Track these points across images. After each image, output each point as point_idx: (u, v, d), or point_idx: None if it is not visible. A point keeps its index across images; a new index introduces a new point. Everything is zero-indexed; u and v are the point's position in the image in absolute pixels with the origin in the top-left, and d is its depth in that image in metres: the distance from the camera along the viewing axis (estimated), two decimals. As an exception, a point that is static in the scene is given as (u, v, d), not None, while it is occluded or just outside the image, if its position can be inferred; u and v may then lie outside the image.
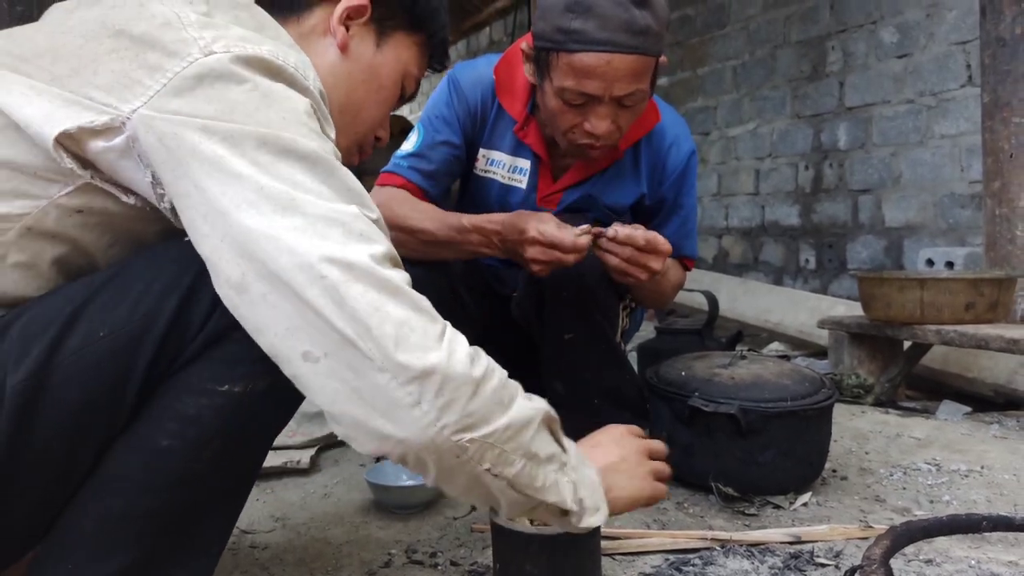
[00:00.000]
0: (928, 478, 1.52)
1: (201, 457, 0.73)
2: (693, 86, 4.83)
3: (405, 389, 0.65)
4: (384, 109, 0.95)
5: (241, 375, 0.72)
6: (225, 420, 0.73)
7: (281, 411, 0.81)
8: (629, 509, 0.95)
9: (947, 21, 3.28)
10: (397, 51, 0.93)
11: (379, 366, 0.64)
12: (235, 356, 0.72)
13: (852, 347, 2.34)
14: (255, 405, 0.74)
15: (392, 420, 0.66)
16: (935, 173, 3.37)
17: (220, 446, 0.73)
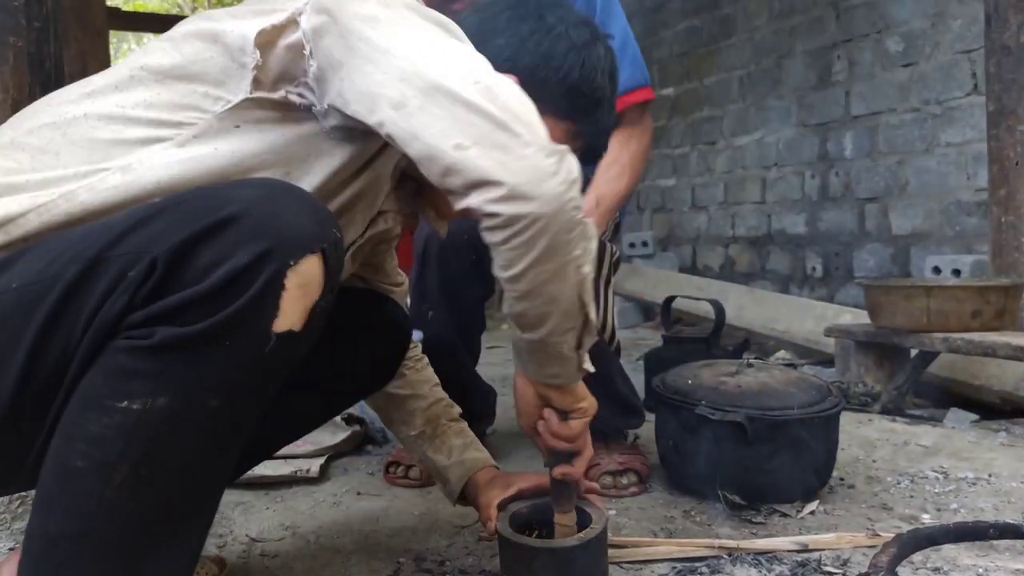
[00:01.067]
0: (935, 486, 1.52)
1: (112, 482, 0.67)
2: (700, 96, 4.85)
3: (548, 160, 0.75)
4: None
5: (137, 391, 0.67)
6: (127, 442, 0.67)
7: (201, 437, 0.70)
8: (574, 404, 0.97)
9: (952, 30, 3.29)
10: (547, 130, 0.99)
11: (527, 141, 0.74)
12: (131, 368, 0.67)
13: (859, 355, 2.34)
14: (159, 426, 0.67)
15: (536, 187, 0.74)
16: (941, 181, 3.37)
17: (129, 471, 0.67)
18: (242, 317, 0.67)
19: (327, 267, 0.71)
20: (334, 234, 0.73)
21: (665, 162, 5.18)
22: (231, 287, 0.66)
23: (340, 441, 1.77)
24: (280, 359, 0.71)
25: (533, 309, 0.84)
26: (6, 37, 1.26)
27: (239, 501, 1.50)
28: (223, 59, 0.82)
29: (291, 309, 0.69)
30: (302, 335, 0.71)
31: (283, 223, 0.69)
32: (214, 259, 0.67)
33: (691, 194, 4.96)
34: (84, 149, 0.81)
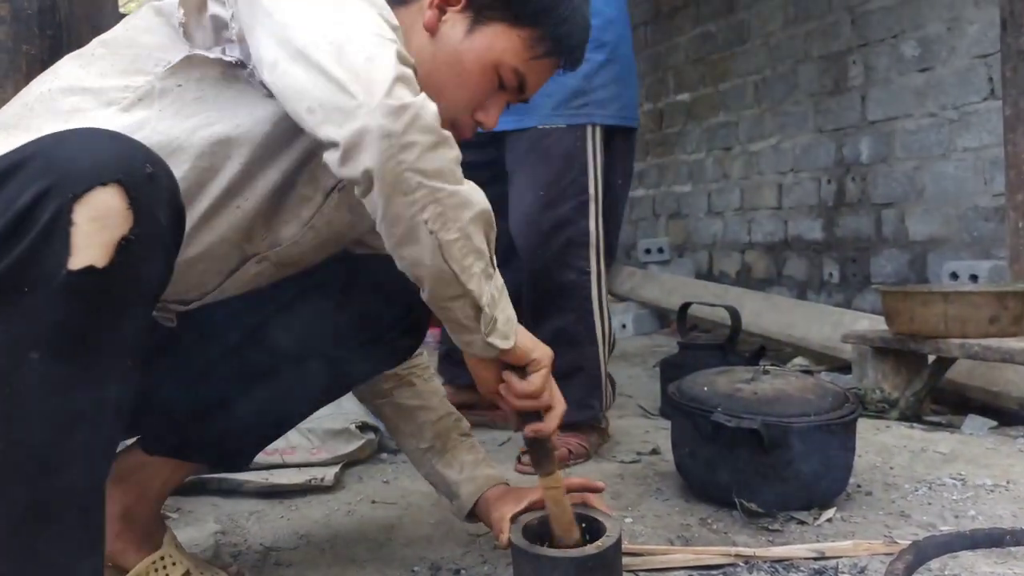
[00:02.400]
0: (953, 493, 1.50)
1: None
2: (715, 102, 4.84)
3: (377, 123, 0.75)
4: (468, 93, 0.99)
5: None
6: None
7: (40, 397, 0.66)
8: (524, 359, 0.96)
9: (968, 35, 3.26)
10: (491, 40, 0.97)
11: (360, 102, 0.75)
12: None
13: (876, 361, 2.32)
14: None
15: (366, 150, 0.76)
16: (958, 186, 3.34)
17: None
18: (30, 257, 0.63)
19: (131, 199, 0.66)
20: (143, 167, 0.69)
21: (681, 168, 5.17)
22: (16, 230, 0.64)
23: (354, 449, 1.78)
24: (94, 298, 0.66)
25: (404, 268, 0.86)
26: (20, 45, 1.28)
27: (253, 510, 1.51)
28: (164, 26, 0.88)
29: (85, 243, 0.64)
30: (112, 270, 0.66)
31: (68, 160, 0.66)
32: (1, 207, 0.65)
33: (707, 200, 4.95)
34: (48, 121, 0.83)
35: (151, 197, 0.69)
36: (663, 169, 5.36)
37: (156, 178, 0.71)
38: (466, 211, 0.83)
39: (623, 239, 5.77)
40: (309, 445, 1.72)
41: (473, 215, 0.83)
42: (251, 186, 0.90)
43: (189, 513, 1.48)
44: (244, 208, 0.91)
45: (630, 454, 1.87)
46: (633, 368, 3.42)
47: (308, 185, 0.96)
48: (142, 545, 1.06)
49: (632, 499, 1.53)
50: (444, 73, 0.97)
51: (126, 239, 0.66)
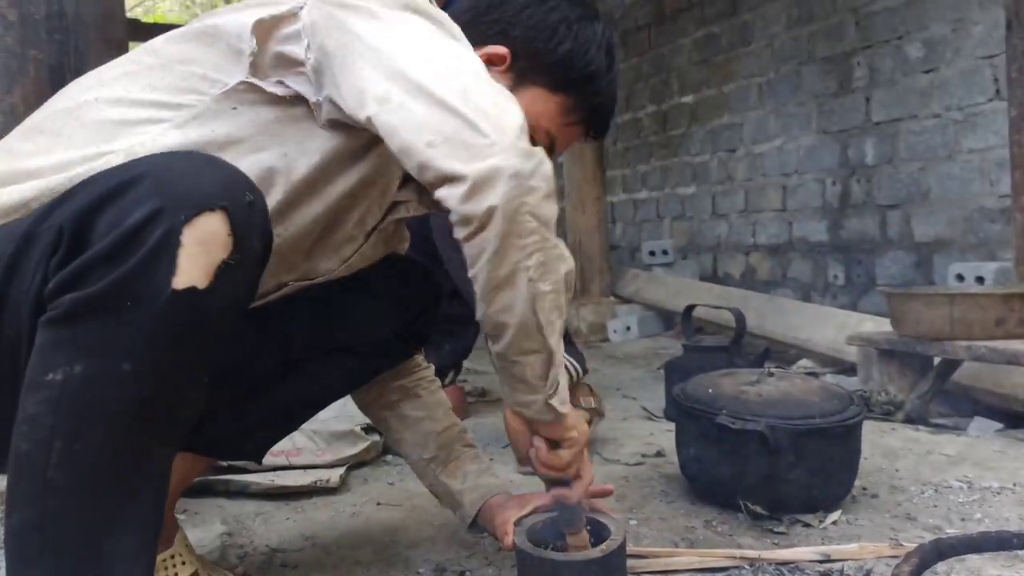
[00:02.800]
0: (960, 496, 1.50)
1: (51, 461, 0.67)
2: (719, 103, 4.83)
3: (509, 162, 0.77)
4: None
5: (57, 362, 0.67)
6: (56, 415, 0.67)
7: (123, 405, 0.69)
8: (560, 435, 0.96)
9: (973, 36, 3.26)
10: (530, 103, 0.98)
11: (492, 141, 0.77)
12: (53, 340, 0.68)
13: (881, 364, 2.32)
14: (81, 395, 0.67)
15: (496, 188, 0.77)
16: (964, 188, 3.33)
17: (63, 446, 0.67)
18: (138, 274, 0.66)
19: (234, 225, 0.70)
20: (244, 196, 0.72)
21: (685, 170, 5.17)
22: (126, 246, 0.66)
23: (359, 451, 1.78)
24: (190, 318, 0.69)
25: (490, 315, 0.85)
26: (28, 50, 1.29)
27: (259, 511, 1.51)
28: (222, 46, 0.87)
29: (190, 265, 0.68)
30: (210, 293, 0.69)
31: (180, 182, 0.69)
32: (113, 221, 0.67)
33: (711, 202, 4.95)
34: (93, 131, 0.85)
35: (249, 225, 0.73)
36: (667, 171, 5.35)
37: (254, 207, 0.74)
38: (563, 265, 0.85)
39: (628, 241, 5.77)
40: (314, 447, 1.72)
41: (567, 270, 0.86)
42: (291, 217, 0.91)
43: (196, 514, 1.48)
44: (284, 237, 0.92)
45: (635, 456, 1.86)
46: (637, 370, 3.41)
47: (357, 226, 0.99)
48: None
49: (637, 501, 1.53)
50: None
51: (226, 263, 0.70)
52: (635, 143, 5.70)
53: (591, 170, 4.64)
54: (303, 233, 0.94)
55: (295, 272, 1.00)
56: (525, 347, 0.86)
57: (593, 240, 4.65)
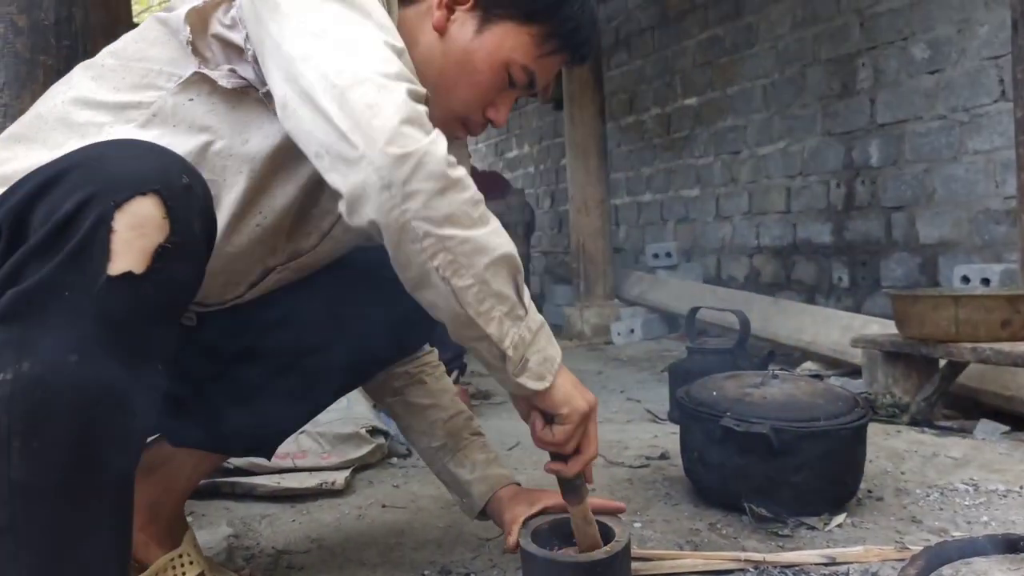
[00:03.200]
0: (966, 498, 1.49)
1: (12, 460, 0.66)
2: (723, 105, 4.83)
3: (379, 174, 0.74)
4: (479, 92, 0.99)
5: (7, 360, 0.65)
6: (10, 414, 0.65)
7: (77, 397, 0.67)
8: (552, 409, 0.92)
9: (979, 36, 3.25)
10: (500, 39, 0.97)
11: (360, 154, 0.74)
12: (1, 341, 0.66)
13: (886, 366, 2.31)
14: (32, 392, 0.65)
15: (368, 203, 0.75)
16: (969, 189, 3.33)
17: (21, 445, 0.66)
18: (72, 262, 0.66)
19: (168, 208, 0.69)
20: (180, 178, 0.72)
21: (688, 172, 5.17)
22: (59, 237, 0.66)
23: (364, 454, 1.78)
24: (129, 303, 0.68)
25: (428, 309, 0.85)
26: (37, 56, 1.30)
27: (265, 513, 1.52)
28: (172, 40, 0.88)
29: (124, 250, 0.67)
30: (148, 277, 0.68)
31: (110, 169, 0.69)
32: (47, 213, 0.67)
33: (715, 204, 4.94)
34: (62, 134, 0.86)
35: (187, 207, 0.72)
36: (671, 173, 5.35)
37: (192, 189, 0.73)
38: (481, 257, 0.80)
39: (632, 243, 5.78)
40: (320, 449, 1.73)
41: (490, 260, 0.81)
42: (268, 202, 0.92)
43: (202, 516, 1.49)
44: (264, 225, 0.93)
45: (639, 459, 1.86)
46: (641, 373, 3.41)
47: (331, 199, 0.96)
48: (163, 540, 1.08)
49: (641, 504, 1.53)
50: (454, 72, 0.98)
51: (163, 247, 0.69)
52: (639, 146, 5.70)
53: (594, 173, 4.65)
54: (282, 215, 0.94)
55: (279, 255, 0.99)
56: (467, 335, 0.85)
57: (597, 243, 4.65)
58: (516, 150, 7.74)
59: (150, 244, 0.68)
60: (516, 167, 7.71)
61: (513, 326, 0.85)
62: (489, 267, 0.81)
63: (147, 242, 0.68)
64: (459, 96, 0.99)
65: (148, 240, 0.68)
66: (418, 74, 0.93)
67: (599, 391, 2.98)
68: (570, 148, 4.74)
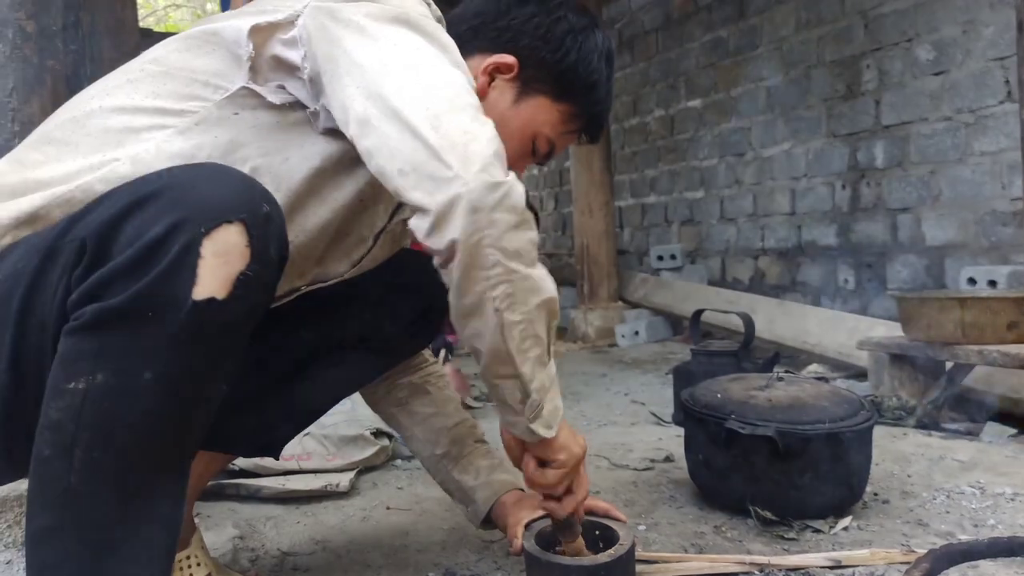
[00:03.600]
0: (972, 501, 1.49)
1: (73, 466, 0.69)
2: (727, 107, 4.83)
3: (471, 196, 0.76)
4: (508, 157, 1.02)
5: (80, 371, 0.68)
6: (78, 423, 0.68)
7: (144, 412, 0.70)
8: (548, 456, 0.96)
9: (984, 37, 3.24)
10: (535, 112, 1.03)
11: (456, 174, 0.76)
12: (75, 350, 0.69)
13: (893, 368, 2.31)
14: (102, 403, 0.69)
15: (455, 221, 0.77)
16: (975, 191, 3.32)
17: (84, 453, 0.69)
18: (159, 285, 0.68)
19: (251, 237, 0.71)
20: (262, 207, 0.74)
21: (693, 174, 5.17)
22: (148, 258, 0.68)
23: (369, 455, 1.79)
24: (210, 329, 0.71)
25: (465, 339, 0.87)
26: (45, 61, 1.31)
27: (270, 515, 1.52)
28: (223, 52, 0.89)
29: (209, 276, 0.69)
30: (229, 303, 0.70)
31: (198, 196, 0.70)
32: (135, 234, 0.69)
33: (719, 206, 4.94)
34: (98, 139, 0.86)
35: (266, 236, 0.74)
36: (675, 175, 5.35)
37: (271, 218, 0.75)
38: (534, 296, 0.83)
39: (636, 245, 5.77)
40: (324, 451, 1.73)
41: (540, 301, 0.84)
42: (297, 221, 0.92)
43: (208, 518, 1.49)
44: (296, 244, 0.93)
45: (643, 461, 1.86)
46: (646, 375, 3.41)
47: (367, 229, 1.00)
48: None
49: (645, 506, 1.52)
50: None
51: (244, 274, 0.71)
52: (643, 147, 5.70)
53: (599, 175, 4.65)
54: (314, 240, 0.95)
55: (306, 277, 1.01)
56: (499, 372, 0.87)
57: (601, 245, 4.65)
58: (520, 152, 7.74)
59: (233, 271, 0.70)
60: (520, 169, 7.71)
61: (541, 371, 0.88)
62: (538, 307, 0.84)
63: (231, 269, 0.70)
64: None
65: (232, 268, 0.70)
66: None
67: (603, 393, 2.98)
68: (574, 150, 4.73)
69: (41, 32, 1.29)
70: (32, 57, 1.29)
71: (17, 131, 1.27)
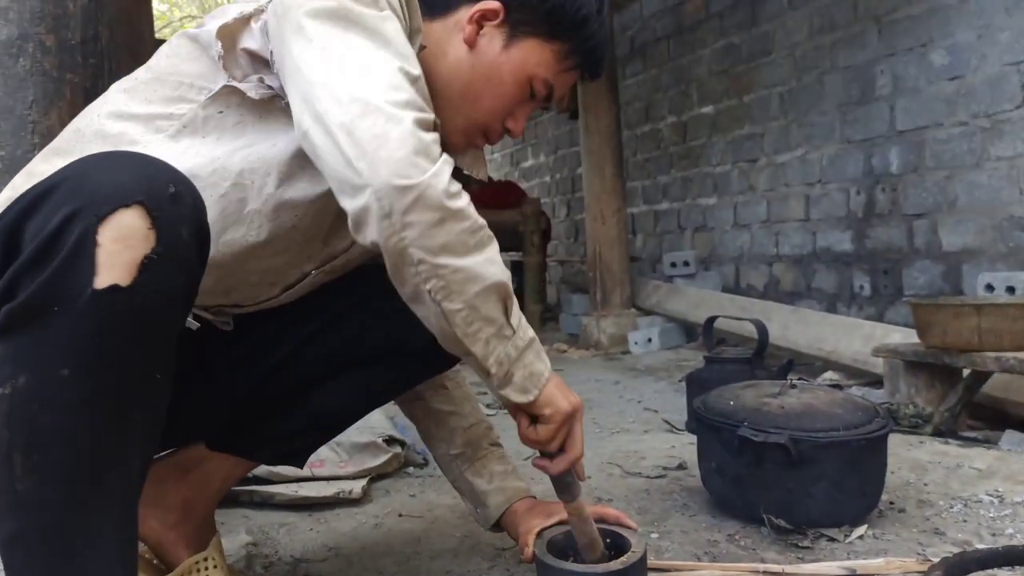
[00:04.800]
0: (990, 510, 1.47)
1: (15, 473, 0.68)
2: (740, 114, 4.82)
3: (380, 203, 0.78)
4: (503, 103, 1.04)
5: (5, 374, 0.67)
6: (10, 428, 0.67)
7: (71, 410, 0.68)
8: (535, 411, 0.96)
9: (999, 42, 3.22)
10: (526, 54, 1.02)
11: (365, 181, 0.77)
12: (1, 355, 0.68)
13: (908, 376, 2.29)
14: (29, 406, 0.67)
15: (369, 227, 0.79)
16: (992, 196, 3.29)
17: (23, 458, 0.68)
18: (59, 278, 0.66)
19: (153, 219, 0.69)
20: (167, 188, 0.72)
21: (706, 180, 5.15)
22: (47, 252, 0.67)
23: (381, 463, 1.79)
24: (119, 317, 0.69)
25: (419, 316, 0.88)
26: (64, 74, 1.33)
27: (283, 522, 1.53)
28: (203, 55, 0.92)
29: (109, 263, 0.67)
30: (135, 289, 0.68)
31: (94, 183, 0.69)
32: (37, 228, 0.68)
33: (733, 212, 4.92)
34: (98, 146, 0.89)
35: (174, 216, 0.72)
36: (688, 182, 5.34)
37: (179, 197, 0.73)
38: (472, 286, 0.84)
39: (649, 252, 5.76)
40: (337, 459, 1.73)
41: (479, 290, 0.85)
42: (295, 201, 0.94)
43: (221, 524, 1.50)
44: (300, 227, 0.95)
45: (656, 469, 1.85)
46: (659, 382, 3.40)
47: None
48: (192, 541, 1.10)
49: (658, 514, 1.52)
50: (481, 84, 1.02)
51: (148, 258, 0.69)
52: (655, 154, 5.70)
53: (611, 182, 4.65)
54: (313, 218, 0.96)
55: (315, 260, 1.03)
56: (454, 350, 0.89)
57: (614, 252, 4.65)
58: (532, 160, 7.75)
59: (136, 256, 0.68)
60: (532, 177, 7.72)
61: (499, 345, 0.89)
62: (479, 295, 0.85)
63: (133, 254, 0.68)
64: (484, 106, 1.03)
65: (133, 252, 0.68)
66: (445, 85, 1.00)
67: (616, 401, 2.97)
68: (586, 157, 4.74)
69: (60, 46, 1.32)
70: (52, 71, 1.31)
71: (37, 143, 1.29)
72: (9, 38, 1.31)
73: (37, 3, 1.31)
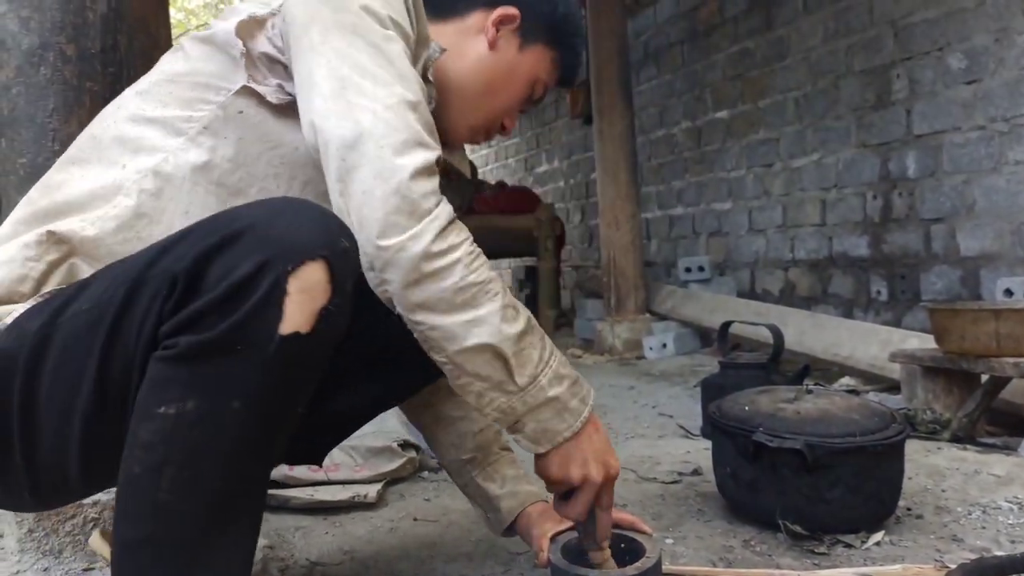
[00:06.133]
0: (1009, 517, 1.46)
1: (162, 485, 0.73)
2: (755, 119, 4.80)
3: (366, 258, 0.82)
4: (514, 101, 1.11)
5: (171, 397, 0.72)
6: (168, 445, 0.72)
7: (231, 438, 0.74)
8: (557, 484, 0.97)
9: (1017, 45, 3.20)
10: (537, 58, 1.10)
11: (355, 232, 0.81)
12: (166, 376, 0.73)
13: (926, 381, 2.27)
14: (192, 428, 0.72)
15: (365, 272, 0.83)
16: (1011, 200, 3.26)
17: (174, 473, 0.73)
18: (249, 321, 0.71)
19: (333, 273, 0.74)
20: (341, 243, 0.77)
21: (720, 185, 5.14)
22: (238, 295, 0.71)
23: (396, 467, 1.80)
24: (294, 360, 0.74)
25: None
26: (84, 83, 1.34)
27: (299, 525, 1.54)
28: (219, 55, 0.92)
29: (295, 312, 0.72)
30: (312, 337, 0.74)
31: (284, 234, 0.74)
32: (224, 270, 0.72)
33: (748, 217, 4.90)
34: (116, 150, 0.91)
35: (346, 271, 0.77)
36: (702, 187, 5.32)
37: (349, 253, 0.78)
38: (451, 344, 0.85)
39: (664, 257, 5.75)
40: (352, 463, 1.74)
41: (459, 349, 0.85)
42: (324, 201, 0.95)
43: (236, 529, 1.51)
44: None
45: (671, 474, 1.85)
46: (674, 387, 3.39)
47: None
48: None
49: (673, 520, 1.51)
50: (501, 82, 1.09)
51: (326, 308, 0.75)
52: (669, 159, 5.69)
53: (625, 187, 4.64)
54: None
55: None
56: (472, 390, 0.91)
57: (628, 257, 4.64)
58: (546, 165, 7.76)
59: (316, 306, 0.74)
60: (546, 182, 7.73)
61: (499, 397, 0.89)
62: (460, 353, 0.86)
63: (314, 305, 0.74)
64: (499, 103, 1.10)
65: (315, 303, 0.74)
66: (464, 84, 1.06)
67: (630, 406, 2.96)
68: (600, 162, 4.74)
69: (80, 55, 1.33)
70: (72, 79, 1.33)
71: (56, 150, 1.31)
72: (31, 47, 1.33)
73: (58, 13, 1.33)
